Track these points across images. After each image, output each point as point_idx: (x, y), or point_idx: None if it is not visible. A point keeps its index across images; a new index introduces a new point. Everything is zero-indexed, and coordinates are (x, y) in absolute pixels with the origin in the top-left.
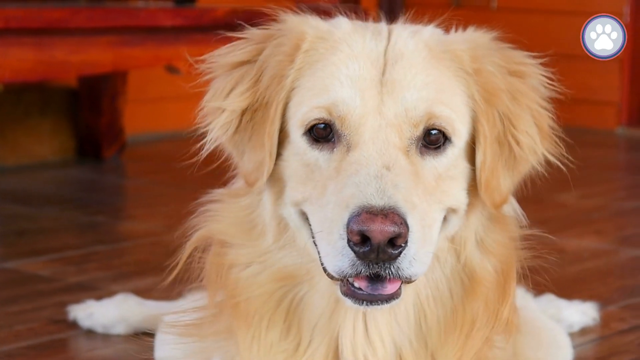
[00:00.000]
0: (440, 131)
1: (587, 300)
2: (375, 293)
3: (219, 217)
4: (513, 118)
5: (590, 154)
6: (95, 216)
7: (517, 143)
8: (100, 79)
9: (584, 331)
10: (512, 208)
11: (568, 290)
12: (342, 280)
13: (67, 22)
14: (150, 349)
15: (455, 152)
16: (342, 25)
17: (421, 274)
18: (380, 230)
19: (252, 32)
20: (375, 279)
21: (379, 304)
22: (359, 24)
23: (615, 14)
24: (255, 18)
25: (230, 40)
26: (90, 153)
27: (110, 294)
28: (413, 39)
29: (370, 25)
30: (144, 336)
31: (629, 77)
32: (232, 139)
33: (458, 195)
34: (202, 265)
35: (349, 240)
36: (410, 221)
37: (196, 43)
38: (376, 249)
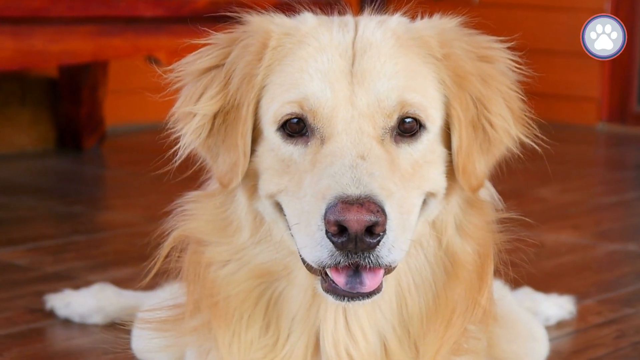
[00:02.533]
0: (414, 119)
1: (564, 293)
2: (353, 291)
3: (194, 215)
4: (485, 101)
5: (570, 150)
6: (73, 206)
7: (492, 126)
8: (80, 69)
9: (560, 324)
10: (488, 192)
11: (545, 283)
12: (321, 274)
13: (47, 11)
14: (127, 341)
15: (430, 137)
16: (308, 20)
17: (400, 260)
18: (356, 219)
19: (218, 37)
20: (355, 273)
21: (360, 299)
22: (324, 18)
23: (597, 11)
24: (235, 9)
25: (211, 32)
26: (70, 143)
27: (87, 283)
28: (380, 29)
29: (336, 18)
30: (120, 329)
31: (609, 73)
32: (205, 143)
33: (437, 179)
34: (179, 264)
35: (326, 231)
36: (387, 209)
37: (177, 34)
38: (354, 238)
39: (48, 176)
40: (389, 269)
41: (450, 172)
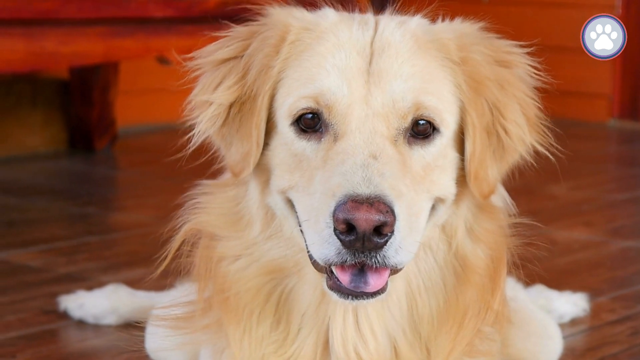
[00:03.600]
0: (428, 121)
1: (577, 291)
2: (358, 290)
3: (206, 209)
4: (501, 107)
5: (582, 146)
6: (86, 207)
7: (506, 132)
8: (91, 70)
9: (574, 322)
10: (501, 197)
11: (558, 281)
12: (327, 272)
13: (58, 13)
14: (141, 340)
15: (443, 141)
16: (329, 15)
17: (407, 262)
18: (365, 218)
19: (238, 29)
20: (360, 272)
21: (364, 299)
22: (345, 14)
23: (607, 7)
24: (245, 9)
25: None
26: (82, 144)
27: (100, 284)
28: (400, 29)
29: (357, 15)
30: (134, 328)
31: (620, 70)
32: (219, 132)
33: (446, 185)
34: (191, 259)
35: (335, 229)
36: (396, 209)
37: (187, 34)
38: (362, 237)
39: (60, 177)
40: (395, 270)
41: (462, 178)
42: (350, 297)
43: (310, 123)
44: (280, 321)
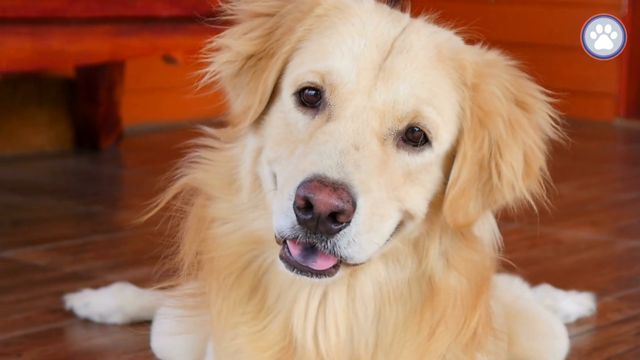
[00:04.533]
0: (422, 131)
1: (584, 291)
2: (304, 264)
3: (205, 166)
4: (502, 146)
5: (588, 146)
6: (92, 206)
7: (498, 173)
8: (97, 69)
9: (580, 322)
10: (490, 229)
11: (564, 281)
12: (282, 242)
13: (64, 12)
14: (147, 339)
15: (432, 156)
16: (364, 2)
17: (360, 260)
18: (324, 201)
19: None
20: (311, 249)
21: (308, 276)
22: (382, 7)
23: (613, 7)
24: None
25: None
26: (88, 143)
27: (106, 283)
28: (426, 37)
29: (394, 12)
30: (140, 326)
31: (626, 69)
32: (232, 81)
33: (418, 202)
34: (181, 215)
35: (295, 203)
36: (359, 203)
37: (193, 33)
38: (317, 218)
39: (66, 176)
40: (347, 264)
41: (440, 200)
42: (295, 269)
43: (312, 99)
44: (257, 293)
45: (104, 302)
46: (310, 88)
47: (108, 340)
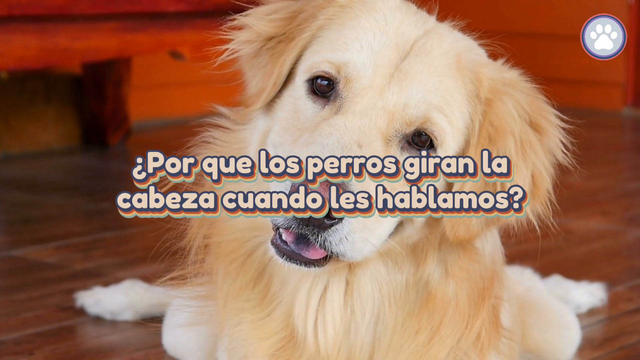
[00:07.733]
0: (429, 137)
1: (595, 281)
2: (295, 251)
3: (215, 148)
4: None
5: (596, 135)
6: (101, 203)
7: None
8: (104, 66)
9: (591, 312)
10: (492, 242)
11: (575, 271)
12: (275, 229)
13: (70, 9)
14: (158, 336)
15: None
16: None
17: (354, 258)
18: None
19: None
20: (303, 239)
21: (297, 264)
22: (409, 5)
23: None
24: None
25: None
26: (95, 140)
27: (117, 280)
28: (448, 43)
29: (421, 13)
30: (151, 323)
31: (634, 58)
32: (250, 61)
33: None
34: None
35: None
36: None
37: (200, 28)
38: None
39: (74, 173)
40: (337, 259)
41: None
42: (285, 256)
43: (324, 89)
44: (261, 279)
45: (114, 300)
46: (323, 77)
47: (119, 337)
